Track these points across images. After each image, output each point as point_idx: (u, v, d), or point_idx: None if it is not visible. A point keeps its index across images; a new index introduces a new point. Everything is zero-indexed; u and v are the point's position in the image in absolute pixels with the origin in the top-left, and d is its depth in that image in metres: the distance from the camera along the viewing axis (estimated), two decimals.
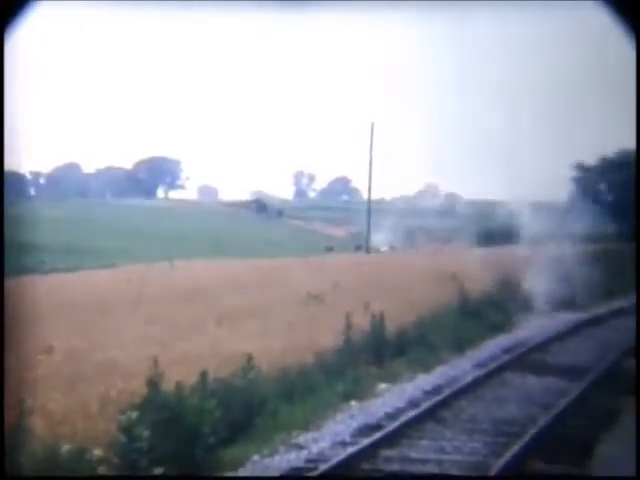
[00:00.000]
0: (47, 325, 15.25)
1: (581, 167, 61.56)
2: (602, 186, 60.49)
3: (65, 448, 9.17)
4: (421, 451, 10.85)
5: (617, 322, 23.63)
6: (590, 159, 59.04)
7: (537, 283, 28.02)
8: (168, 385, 10.61)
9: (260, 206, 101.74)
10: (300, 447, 11.00)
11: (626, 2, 4.89)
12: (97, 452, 9.38)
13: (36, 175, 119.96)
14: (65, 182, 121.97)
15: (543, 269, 31.71)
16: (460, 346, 18.70)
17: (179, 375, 11.18)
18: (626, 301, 28.69)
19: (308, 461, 10.37)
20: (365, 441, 10.86)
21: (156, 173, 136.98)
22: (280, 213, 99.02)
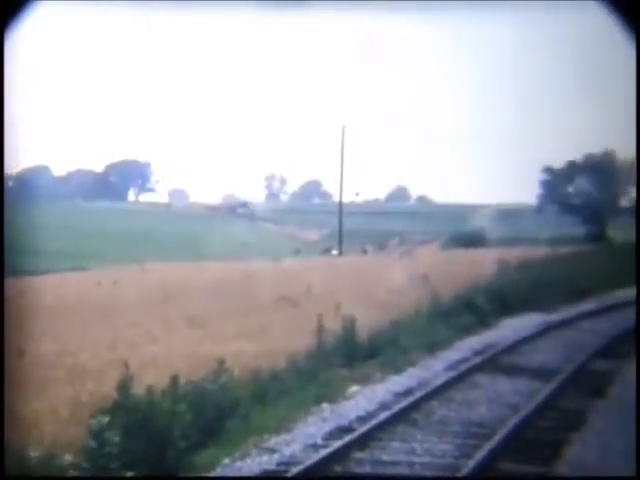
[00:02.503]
0: (16, 328, 15.11)
1: (550, 171, 62.09)
2: (571, 189, 61.05)
3: (34, 453, 9.10)
4: (392, 453, 10.90)
5: (586, 324, 23.86)
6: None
7: (507, 285, 28.20)
8: (139, 389, 10.57)
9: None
10: (272, 450, 11.00)
11: (626, 2, 4.91)
12: (67, 457, 9.31)
13: (4, 177, 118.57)
14: (35, 185, 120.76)
15: (513, 271, 31.93)
16: (431, 348, 18.78)
17: (150, 379, 11.14)
18: (595, 302, 28.99)
19: (280, 464, 10.38)
20: (337, 443, 10.89)
21: (127, 176, 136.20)
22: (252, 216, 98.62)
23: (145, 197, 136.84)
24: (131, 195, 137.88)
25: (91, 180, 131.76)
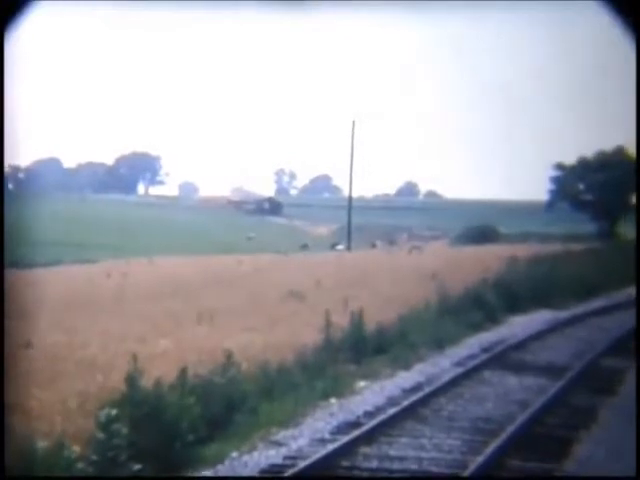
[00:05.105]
0: (25, 320, 15.15)
1: (561, 167, 61.89)
2: (582, 186, 60.83)
3: (42, 444, 9.11)
4: (400, 448, 10.88)
5: (596, 321, 23.78)
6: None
7: (516, 282, 28.13)
8: (147, 381, 10.58)
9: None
10: (279, 444, 11.00)
11: (626, 2, 4.90)
12: (75, 448, 9.32)
13: (15, 169, 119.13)
14: (45, 177, 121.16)
15: (522, 267, 31.86)
16: (440, 344, 18.75)
17: (159, 371, 11.15)
18: (605, 300, 28.90)
19: (287, 458, 10.37)
20: (344, 438, 10.87)
21: (137, 169, 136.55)
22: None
23: (155, 190, 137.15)
24: (140, 188, 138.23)
25: (101, 172, 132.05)
